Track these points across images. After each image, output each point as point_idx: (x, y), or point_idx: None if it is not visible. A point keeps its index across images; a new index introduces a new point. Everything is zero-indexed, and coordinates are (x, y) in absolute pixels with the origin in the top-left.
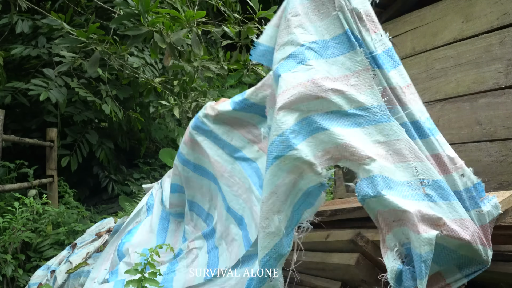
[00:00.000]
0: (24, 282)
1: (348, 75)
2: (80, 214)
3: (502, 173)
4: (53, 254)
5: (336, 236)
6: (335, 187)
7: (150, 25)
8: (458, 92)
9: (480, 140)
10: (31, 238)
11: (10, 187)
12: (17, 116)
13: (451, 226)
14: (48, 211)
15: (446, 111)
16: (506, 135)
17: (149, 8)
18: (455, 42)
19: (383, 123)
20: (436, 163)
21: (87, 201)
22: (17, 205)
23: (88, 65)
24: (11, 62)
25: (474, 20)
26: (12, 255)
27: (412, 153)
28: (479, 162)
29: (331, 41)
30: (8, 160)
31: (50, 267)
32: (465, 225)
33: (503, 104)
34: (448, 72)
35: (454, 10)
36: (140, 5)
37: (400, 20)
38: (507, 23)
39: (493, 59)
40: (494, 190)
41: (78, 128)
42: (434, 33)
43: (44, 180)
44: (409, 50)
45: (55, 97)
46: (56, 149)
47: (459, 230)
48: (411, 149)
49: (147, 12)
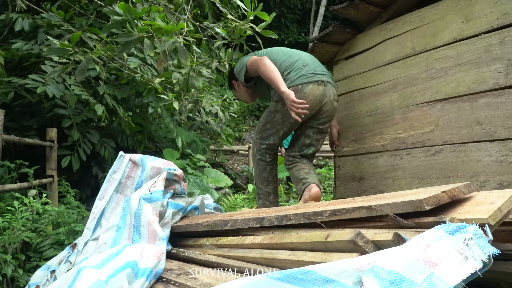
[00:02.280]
0: (24, 282)
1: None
2: (80, 214)
3: (502, 173)
4: (53, 254)
5: (336, 236)
6: (335, 187)
7: (140, 31)
8: (458, 92)
9: (480, 140)
10: (31, 238)
11: (10, 187)
12: (15, 115)
13: None
14: (48, 211)
15: (446, 111)
16: (506, 135)
17: (137, 16)
18: (455, 42)
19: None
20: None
21: (88, 201)
22: (17, 205)
23: (76, 73)
24: (11, 62)
25: (474, 20)
26: (12, 255)
27: None
28: (479, 162)
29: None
30: (8, 160)
31: (50, 267)
32: None
33: (503, 104)
34: (448, 72)
35: (454, 10)
36: (128, 13)
37: (400, 20)
38: (507, 23)
39: (493, 59)
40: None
41: (79, 128)
42: (434, 33)
43: (44, 180)
44: (409, 50)
45: (52, 92)
46: (56, 149)
47: None
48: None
49: (136, 19)
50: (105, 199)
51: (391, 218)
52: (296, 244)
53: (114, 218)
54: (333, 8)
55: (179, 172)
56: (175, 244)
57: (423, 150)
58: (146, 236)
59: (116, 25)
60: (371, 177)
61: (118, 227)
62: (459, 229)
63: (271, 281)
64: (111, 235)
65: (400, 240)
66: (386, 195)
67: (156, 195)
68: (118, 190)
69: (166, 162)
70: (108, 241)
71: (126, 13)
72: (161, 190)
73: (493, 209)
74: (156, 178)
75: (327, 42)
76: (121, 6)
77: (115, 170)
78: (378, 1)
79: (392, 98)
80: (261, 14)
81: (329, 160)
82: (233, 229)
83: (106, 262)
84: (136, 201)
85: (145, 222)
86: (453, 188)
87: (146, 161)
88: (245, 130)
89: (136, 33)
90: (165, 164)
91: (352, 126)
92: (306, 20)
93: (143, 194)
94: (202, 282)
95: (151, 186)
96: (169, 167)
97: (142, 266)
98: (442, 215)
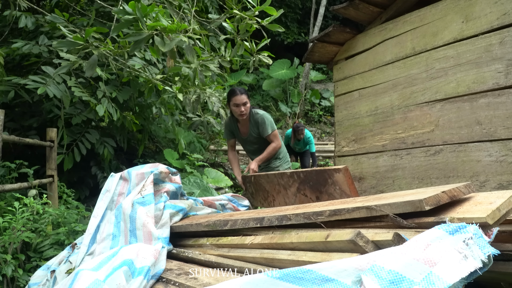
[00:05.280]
0: (24, 282)
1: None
2: (80, 214)
3: (502, 173)
4: (53, 254)
5: (336, 236)
6: None
7: (150, 29)
8: (458, 92)
9: (480, 140)
10: (31, 238)
11: (10, 187)
12: (15, 115)
13: None
14: (48, 211)
15: (446, 111)
16: (506, 135)
17: (147, 13)
18: (455, 42)
19: None
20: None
21: (87, 201)
22: (17, 205)
23: (86, 67)
24: (11, 62)
25: (474, 20)
26: (12, 255)
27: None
28: (479, 162)
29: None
30: (8, 160)
31: (50, 267)
32: None
33: (503, 104)
34: (448, 72)
35: (454, 10)
36: (138, 11)
37: (400, 20)
38: (507, 23)
39: (493, 59)
40: (494, 190)
41: (78, 128)
42: (434, 33)
43: (44, 180)
44: (409, 50)
45: (53, 93)
46: (56, 149)
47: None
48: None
49: (146, 17)
50: (99, 216)
51: (391, 218)
52: (296, 244)
53: (108, 228)
54: (333, 8)
55: (164, 169)
56: (175, 244)
57: (423, 150)
58: (142, 238)
59: (126, 24)
60: (371, 177)
61: (113, 236)
62: (459, 229)
63: (271, 280)
64: (108, 244)
65: (400, 240)
66: (386, 195)
67: (148, 198)
68: (112, 208)
69: (152, 165)
70: (105, 250)
71: (135, 11)
72: (151, 193)
73: (492, 208)
74: (144, 182)
75: (327, 42)
76: (131, 5)
77: (107, 189)
78: (378, 1)
79: (392, 98)
80: (268, 9)
81: (329, 160)
82: (233, 229)
83: (103, 264)
84: (129, 206)
85: (140, 225)
86: (453, 188)
87: (131, 172)
88: None
89: (146, 31)
90: (151, 167)
91: (352, 126)
92: (306, 20)
93: (136, 199)
94: (202, 282)
95: (142, 190)
96: (153, 169)
97: (138, 265)
98: (442, 215)
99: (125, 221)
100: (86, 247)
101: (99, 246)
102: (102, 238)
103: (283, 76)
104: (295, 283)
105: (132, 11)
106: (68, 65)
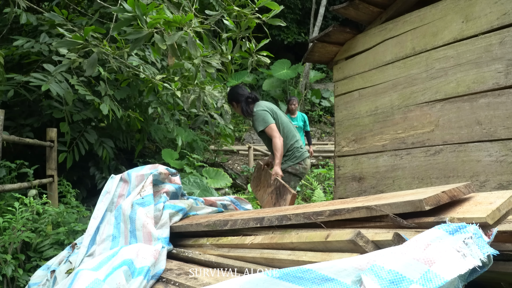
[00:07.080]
0: (24, 282)
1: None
2: (80, 214)
3: (502, 173)
4: (53, 254)
5: (336, 236)
6: (335, 187)
7: (150, 27)
8: (458, 92)
9: (480, 140)
10: (31, 238)
11: (10, 187)
12: (14, 114)
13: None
14: (48, 211)
15: (446, 111)
16: (506, 135)
17: (146, 12)
18: (455, 42)
19: None
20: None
21: (86, 201)
22: (17, 205)
23: (86, 66)
24: (10, 61)
25: (474, 20)
26: (12, 255)
27: None
28: (479, 162)
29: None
30: (8, 160)
31: (50, 267)
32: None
33: (503, 104)
34: (448, 72)
35: (454, 10)
36: (137, 9)
37: (400, 20)
38: (507, 23)
39: (493, 59)
40: (494, 190)
41: (77, 127)
42: (434, 33)
43: (44, 180)
44: (409, 50)
45: (55, 90)
46: (56, 149)
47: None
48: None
49: (145, 15)
50: (99, 217)
51: (391, 218)
52: (296, 244)
53: (108, 229)
54: (333, 8)
55: (163, 170)
56: (175, 244)
57: (423, 150)
58: (142, 239)
59: (126, 22)
60: (371, 177)
61: (113, 237)
62: (459, 229)
63: (271, 279)
64: (108, 245)
65: (400, 240)
66: (386, 195)
67: (148, 199)
68: (112, 209)
69: (152, 166)
70: (105, 251)
71: (134, 9)
72: (151, 194)
73: (492, 208)
74: (143, 183)
75: (327, 42)
76: (130, 3)
77: (107, 191)
78: (378, 1)
79: (392, 98)
80: (270, 4)
81: (329, 160)
82: (233, 229)
83: (103, 263)
84: (129, 207)
85: (140, 226)
86: (453, 188)
87: (131, 174)
88: (245, 130)
89: (146, 28)
90: (150, 169)
91: (352, 126)
92: (306, 20)
93: (135, 200)
94: (202, 282)
95: (141, 191)
96: (152, 170)
97: (138, 265)
98: (442, 215)
99: (125, 222)
100: (85, 248)
101: (99, 247)
102: (102, 239)
103: (283, 76)
104: (295, 283)
105: (131, 9)
106: (68, 63)
